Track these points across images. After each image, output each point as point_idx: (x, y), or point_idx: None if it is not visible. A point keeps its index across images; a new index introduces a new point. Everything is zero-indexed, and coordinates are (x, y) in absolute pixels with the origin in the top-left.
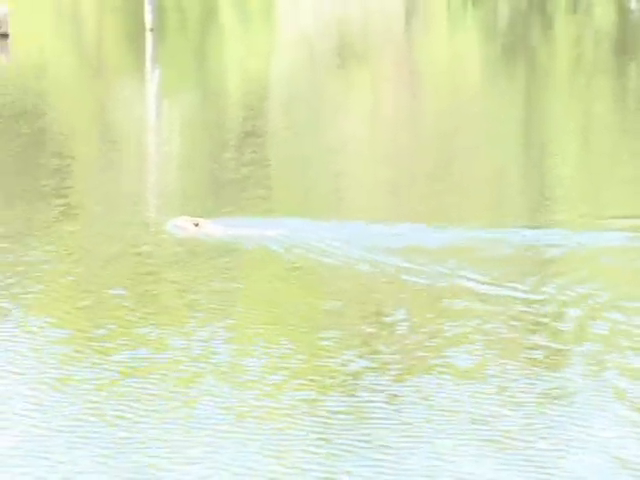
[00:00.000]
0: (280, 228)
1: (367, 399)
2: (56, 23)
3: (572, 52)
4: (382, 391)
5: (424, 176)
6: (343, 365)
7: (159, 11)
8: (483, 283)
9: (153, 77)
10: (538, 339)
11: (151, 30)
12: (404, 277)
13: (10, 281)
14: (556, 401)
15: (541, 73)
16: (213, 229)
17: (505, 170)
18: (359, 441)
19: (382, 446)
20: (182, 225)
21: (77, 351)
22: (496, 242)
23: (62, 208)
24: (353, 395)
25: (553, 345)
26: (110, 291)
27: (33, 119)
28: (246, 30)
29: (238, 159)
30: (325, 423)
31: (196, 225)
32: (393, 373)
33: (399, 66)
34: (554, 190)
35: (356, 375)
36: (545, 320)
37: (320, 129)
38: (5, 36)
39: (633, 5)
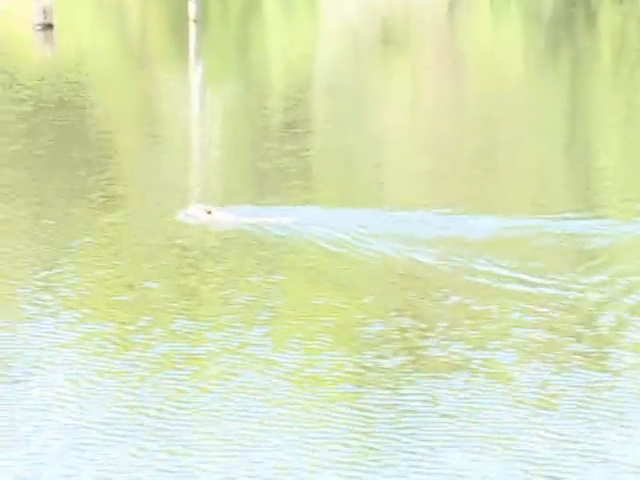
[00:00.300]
0: (293, 216)
1: (405, 394)
2: (100, 14)
3: (617, 42)
4: (420, 386)
5: (466, 165)
6: (381, 360)
7: (202, 2)
8: (524, 277)
9: (196, 68)
10: (580, 339)
11: (195, 21)
12: (442, 270)
13: (48, 273)
14: (597, 404)
15: (586, 63)
16: (225, 217)
17: (549, 159)
18: (397, 435)
19: (420, 440)
20: (194, 213)
21: (114, 344)
22: (540, 231)
23: (103, 200)
24: (391, 389)
25: (595, 347)
26: (148, 284)
27: (77, 110)
28: (289, 20)
29: (280, 149)
30: (364, 417)
31: (209, 213)
32: (431, 369)
33: (442, 54)
34: (599, 180)
35: (394, 370)
36: (589, 318)
37: (362, 118)
38: (50, 26)
39: None
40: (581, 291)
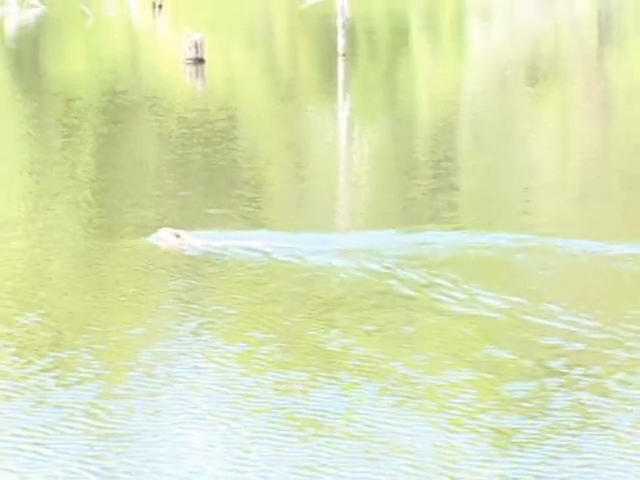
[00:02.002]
0: (265, 240)
1: (526, 456)
2: (249, 47)
3: None
4: (540, 449)
5: (612, 199)
6: (524, 421)
7: (351, 36)
8: None
9: (344, 101)
10: None
11: (343, 55)
12: (577, 316)
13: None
14: None
15: None
16: (194, 241)
17: None
18: None
19: None
20: (163, 237)
21: (250, 384)
22: None
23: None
24: (512, 451)
25: None
26: (260, 334)
27: (225, 143)
28: (436, 52)
29: (424, 181)
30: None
31: (177, 237)
32: (559, 431)
33: (591, 91)
34: None
35: (518, 431)
36: None
37: (507, 155)
38: (201, 61)
39: None
40: None
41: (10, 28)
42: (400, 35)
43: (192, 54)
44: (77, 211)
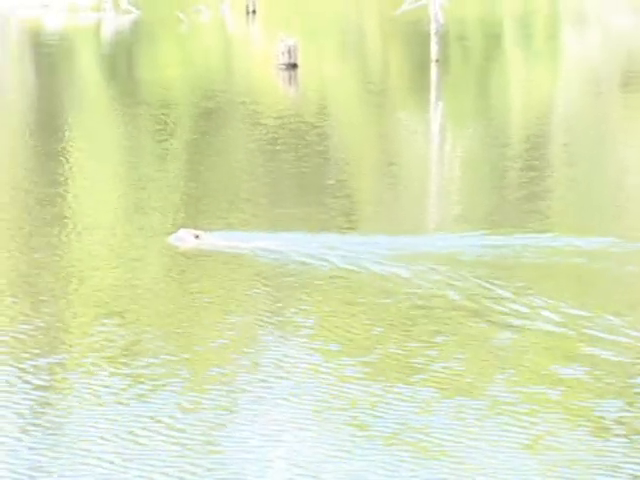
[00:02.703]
0: (276, 240)
1: None
2: (342, 53)
3: None
4: None
5: None
6: (592, 437)
7: (445, 42)
8: None
9: (437, 108)
10: None
11: (436, 61)
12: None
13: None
14: None
15: None
16: (212, 241)
17: None
18: None
19: None
20: (182, 237)
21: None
22: None
23: (334, 240)
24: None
25: None
26: (336, 347)
27: (317, 149)
28: (530, 59)
29: (515, 188)
30: None
31: (196, 237)
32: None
33: None
34: None
35: (605, 453)
36: None
37: (600, 160)
38: (294, 66)
39: None
40: None
41: (106, 33)
42: (494, 41)
43: (285, 59)
44: (164, 215)
